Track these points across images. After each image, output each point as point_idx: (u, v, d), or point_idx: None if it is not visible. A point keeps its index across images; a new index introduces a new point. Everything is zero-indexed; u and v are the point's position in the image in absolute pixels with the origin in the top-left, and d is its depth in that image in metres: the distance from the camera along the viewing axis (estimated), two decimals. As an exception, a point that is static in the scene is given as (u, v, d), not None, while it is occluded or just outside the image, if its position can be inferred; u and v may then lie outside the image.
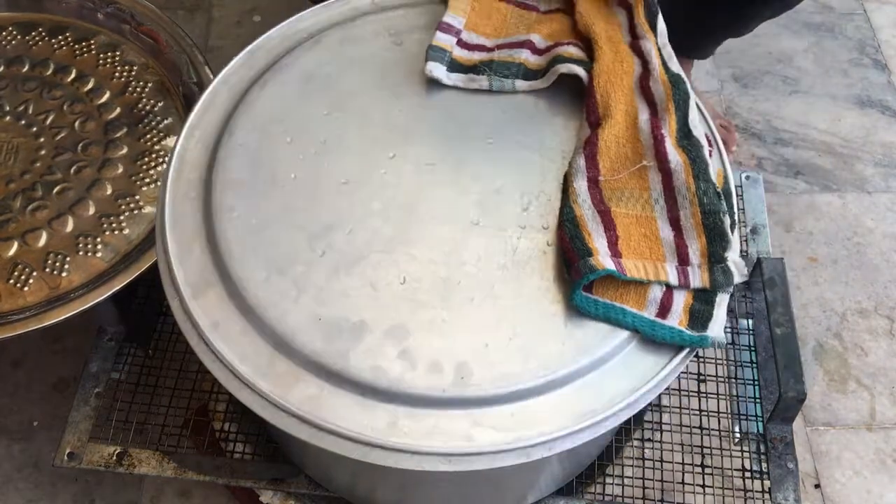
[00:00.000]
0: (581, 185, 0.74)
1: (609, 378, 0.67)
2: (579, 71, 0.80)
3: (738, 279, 0.70)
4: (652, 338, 0.68)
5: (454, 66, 0.83)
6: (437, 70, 0.81)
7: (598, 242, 0.70)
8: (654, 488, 0.87)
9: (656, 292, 0.69)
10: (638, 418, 0.92)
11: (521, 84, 0.81)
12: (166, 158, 0.94)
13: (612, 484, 0.88)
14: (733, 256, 0.71)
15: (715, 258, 0.70)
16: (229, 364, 0.67)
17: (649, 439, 0.91)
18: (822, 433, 1.07)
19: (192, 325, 0.69)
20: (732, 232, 0.72)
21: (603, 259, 0.68)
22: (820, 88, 1.41)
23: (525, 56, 0.83)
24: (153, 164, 0.97)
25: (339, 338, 0.68)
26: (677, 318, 0.68)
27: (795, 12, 1.26)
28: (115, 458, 0.84)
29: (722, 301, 0.69)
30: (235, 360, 0.68)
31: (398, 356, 0.67)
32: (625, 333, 0.68)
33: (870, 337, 1.15)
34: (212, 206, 0.74)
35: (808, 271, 1.20)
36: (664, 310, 0.69)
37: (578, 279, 0.67)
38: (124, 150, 0.97)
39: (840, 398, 1.09)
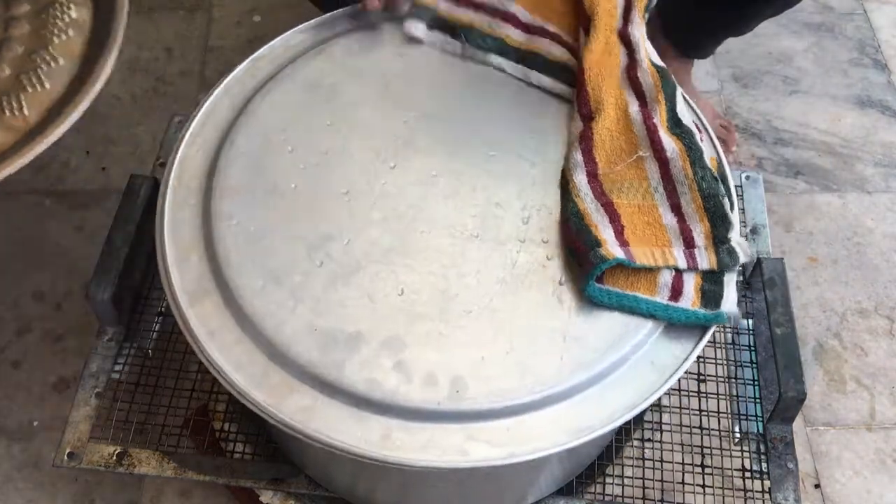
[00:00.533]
0: (581, 180, 0.75)
1: (608, 393, 0.67)
2: (548, 83, 0.82)
3: (743, 259, 0.71)
4: (668, 321, 0.69)
5: (437, 22, 0.84)
6: (417, 28, 0.83)
7: (605, 233, 0.70)
8: (654, 488, 0.86)
9: (666, 277, 0.70)
10: (638, 418, 0.92)
11: (495, 59, 0.83)
12: (71, 7, 0.90)
13: (612, 484, 0.88)
14: (736, 237, 0.72)
15: (719, 239, 0.72)
16: (224, 374, 0.67)
17: (649, 439, 0.91)
18: (822, 433, 1.07)
19: (189, 334, 0.69)
20: (732, 212, 0.73)
21: (612, 248, 0.69)
22: (820, 88, 1.41)
23: (508, 31, 0.84)
24: (59, 13, 0.90)
25: (334, 349, 0.67)
26: (690, 300, 0.70)
27: (795, 12, 1.26)
28: (115, 458, 0.84)
29: (730, 280, 0.71)
30: (230, 369, 0.67)
31: (393, 368, 0.67)
32: (625, 349, 0.68)
33: (870, 337, 1.14)
34: (211, 213, 0.74)
35: (808, 271, 1.20)
36: (676, 293, 0.70)
37: (591, 269, 0.68)
38: (26, 8, 0.91)
39: (840, 398, 1.09)
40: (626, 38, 0.82)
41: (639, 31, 0.82)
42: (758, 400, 0.87)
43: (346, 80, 0.84)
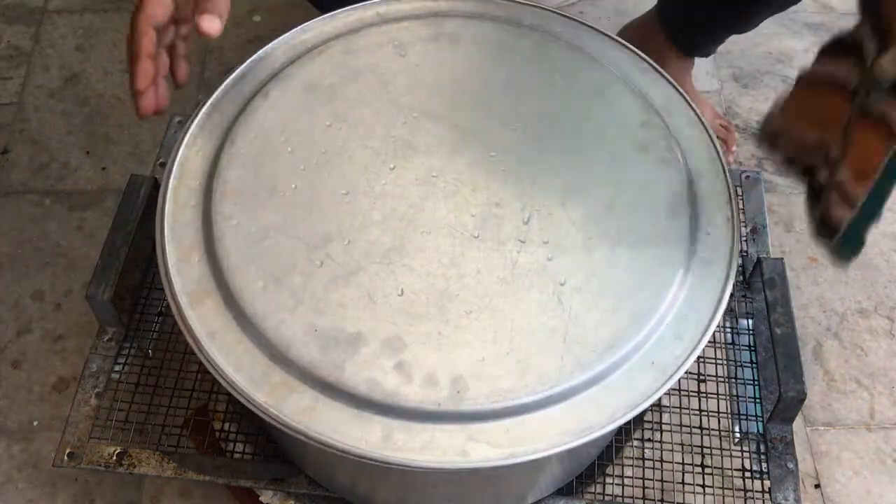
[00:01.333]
0: None
1: (609, 394, 0.67)
2: None
3: None
4: None
5: None
6: None
7: None
8: (654, 488, 0.87)
9: None
10: (638, 418, 0.92)
11: None
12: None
13: (612, 484, 0.88)
14: None
15: None
16: (224, 375, 0.67)
17: (649, 439, 0.91)
18: (822, 433, 1.07)
19: (189, 334, 0.69)
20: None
21: None
22: (820, 88, 1.41)
23: None
24: None
25: (334, 349, 0.67)
26: None
27: (795, 12, 1.26)
28: (115, 458, 0.84)
29: None
30: (231, 370, 0.67)
31: (394, 368, 0.66)
32: (625, 349, 0.68)
33: (870, 337, 1.14)
34: (211, 214, 0.74)
35: (808, 271, 1.20)
36: None
37: None
38: None
39: (840, 398, 1.09)
40: None
41: None
42: (758, 400, 0.87)
43: (346, 80, 0.84)
